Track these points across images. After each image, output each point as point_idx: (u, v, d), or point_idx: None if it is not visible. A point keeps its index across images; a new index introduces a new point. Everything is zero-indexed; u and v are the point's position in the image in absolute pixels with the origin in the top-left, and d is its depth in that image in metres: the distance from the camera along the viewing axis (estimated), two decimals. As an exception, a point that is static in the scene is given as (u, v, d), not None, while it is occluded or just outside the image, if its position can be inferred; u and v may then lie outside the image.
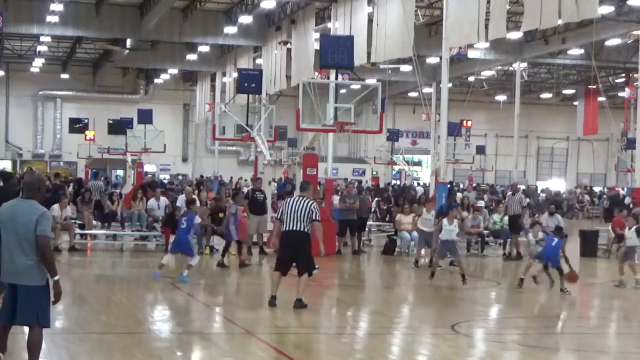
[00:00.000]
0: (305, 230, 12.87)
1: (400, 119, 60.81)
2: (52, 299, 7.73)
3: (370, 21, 30.24)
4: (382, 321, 12.83)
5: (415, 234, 21.14)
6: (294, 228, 12.83)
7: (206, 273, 18.85)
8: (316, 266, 17.11)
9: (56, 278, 7.66)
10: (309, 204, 12.92)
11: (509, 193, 24.29)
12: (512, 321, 13.36)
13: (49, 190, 24.52)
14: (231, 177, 51.57)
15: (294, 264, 13.12)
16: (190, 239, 16.73)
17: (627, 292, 17.56)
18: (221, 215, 21.60)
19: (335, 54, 19.60)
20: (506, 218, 24.46)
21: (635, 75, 40.15)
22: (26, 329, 7.90)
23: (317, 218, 12.97)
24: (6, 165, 52.30)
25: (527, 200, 24.97)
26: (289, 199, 13.46)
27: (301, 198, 13.08)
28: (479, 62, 42.29)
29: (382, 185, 49.35)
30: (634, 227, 17.81)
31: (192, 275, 17.75)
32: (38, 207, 7.73)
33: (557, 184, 61.88)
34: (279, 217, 13.22)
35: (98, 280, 16.49)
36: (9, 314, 7.65)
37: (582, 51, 41.49)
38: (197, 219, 17.05)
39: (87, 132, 52.48)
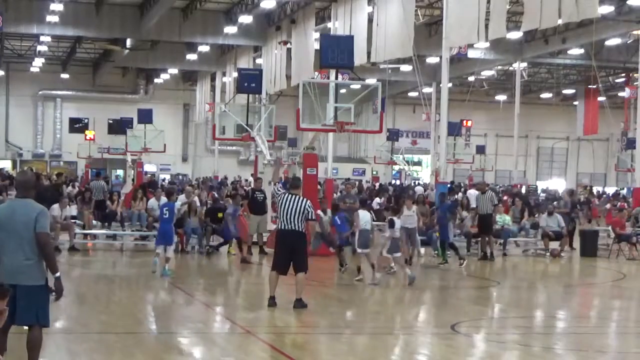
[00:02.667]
0: (301, 229, 12.85)
1: (400, 118, 60.83)
2: (53, 296, 7.73)
3: (370, 21, 30.26)
4: (382, 321, 12.82)
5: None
6: (289, 227, 12.82)
7: (206, 273, 18.87)
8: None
9: (57, 275, 7.65)
10: (304, 203, 12.90)
11: (478, 192, 24.10)
12: (512, 321, 13.35)
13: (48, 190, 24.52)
14: (233, 177, 51.51)
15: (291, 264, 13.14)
16: (172, 228, 17.08)
17: (625, 291, 17.58)
18: (220, 215, 21.64)
19: (335, 53, 19.58)
20: (507, 218, 24.50)
21: (635, 75, 40.23)
22: (26, 328, 7.90)
23: (312, 217, 12.98)
24: (6, 165, 52.31)
25: (498, 197, 24.97)
26: (283, 196, 13.22)
27: (295, 196, 13.00)
28: (479, 62, 42.30)
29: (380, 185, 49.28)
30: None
31: (192, 274, 17.79)
32: (36, 206, 7.71)
33: (557, 184, 61.88)
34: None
35: (98, 280, 16.48)
36: (10, 315, 7.57)
37: (582, 51, 41.51)
38: (177, 205, 17.69)
39: (87, 132, 52.46)
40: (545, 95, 57.17)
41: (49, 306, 7.76)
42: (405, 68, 43.49)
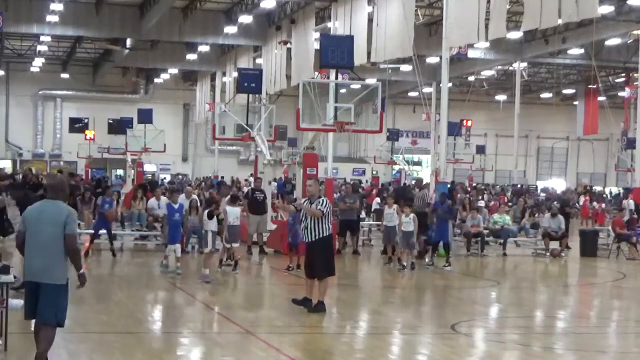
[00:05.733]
0: (317, 235, 12.67)
1: (400, 118, 60.83)
2: (78, 287, 8.21)
3: (370, 21, 30.24)
4: (382, 321, 12.83)
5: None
6: (309, 232, 12.78)
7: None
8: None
9: (81, 271, 8.12)
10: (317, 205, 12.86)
11: (416, 189, 24.09)
12: (512, 321, 13.36)
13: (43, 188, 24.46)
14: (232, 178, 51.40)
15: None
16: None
17: (625, 291, 17.58)
18: (222, 217, 21.55)
19: (335, 53, 19.58)
20: (507, 217, 24.53)
21: (635, 75, 40.18)
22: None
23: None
24: (6, 165, 52.28)
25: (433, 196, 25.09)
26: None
27: (315, 201, 12.93)
28: (479, 61, 42.31)
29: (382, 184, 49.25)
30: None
31: (192, 274, 17.78)
32: (65, 208, 8.09)
33: (557, 184, 61.89)
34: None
35: (98, 280, 16.47)
36: (32, 311, 8.01)
37: (582, 51, 41.49)
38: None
39: (87, 132, 52.45)
40: (545, 95, 57.14)
41: (67, 306, 8.14)
42: (405, 68, 43.48)
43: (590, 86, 48.16)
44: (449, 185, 27.55)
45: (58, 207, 8.01)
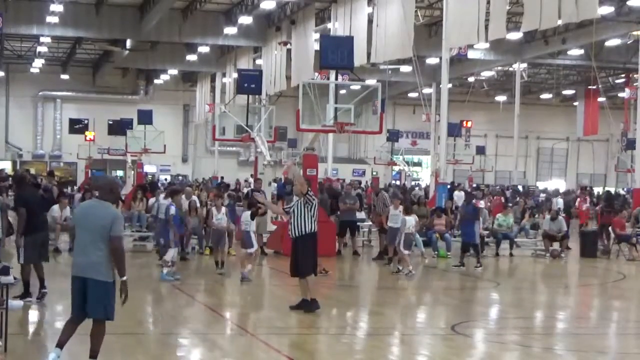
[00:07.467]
0: (300, 232, 12.72)
1: (400, 119, 60.82)
2: (120, 297, 8.21)
3: (370, 22, 30.27)
4: (382, 321, 12.82)
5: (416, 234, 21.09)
6: (294, 229, 12.82)
7: (206, 274, 18.86)
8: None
9: (124, 278, 8.19)
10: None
11: (372, 193, 24.12)
12: (512, 321, 13.36)
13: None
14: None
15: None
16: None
17: (625, 292, 17.58)
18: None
19: (335, 54, 19.59)
20: (511, 219, 24.51)
21: (635, 75, 40.20)
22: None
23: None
24: (6, 165, 52.27)
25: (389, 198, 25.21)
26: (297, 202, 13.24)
27: (298, 201, 12.96)
28: (479, 62, 42.34)
29: (381, 185, 49.22)
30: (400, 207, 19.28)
31: (192, 275, 17.78)
32: (112, 210, 8.39)
33: (557, 185, 61.87)
34: None
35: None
36: (80, 307, 8.27)
37: (582, 51, 41.50)
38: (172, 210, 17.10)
39: (87, 133, 52.42)
40: (545, 95, 57.15)
41: (114, 301, 8.29)
42: (405, 69, 43.48)
43: (590, 87, 48.17)
44: (448, 186, 27.56)
45: (107, 208, 8.29)
